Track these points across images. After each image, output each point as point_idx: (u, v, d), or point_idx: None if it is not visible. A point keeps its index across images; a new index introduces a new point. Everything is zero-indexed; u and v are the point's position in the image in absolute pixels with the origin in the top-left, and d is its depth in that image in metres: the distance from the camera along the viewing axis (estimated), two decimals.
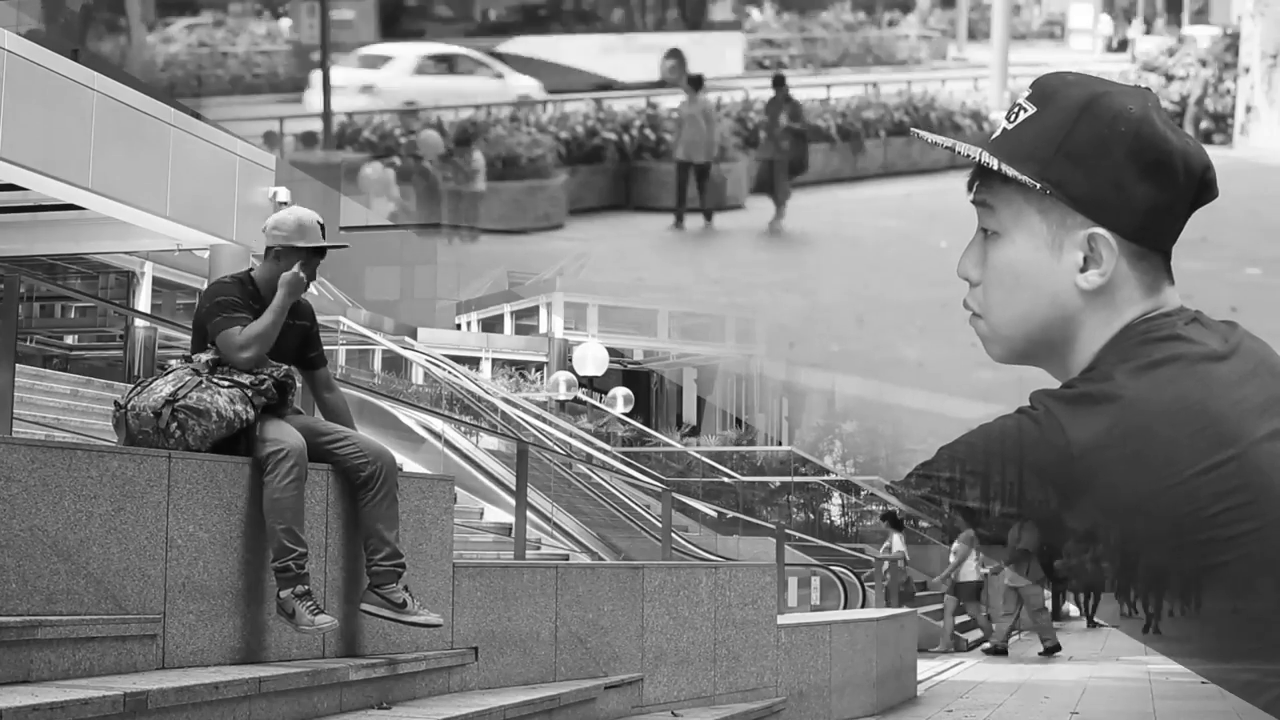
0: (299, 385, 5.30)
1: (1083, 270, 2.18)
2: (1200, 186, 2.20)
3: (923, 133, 2.35)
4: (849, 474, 26.53)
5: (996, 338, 2.29)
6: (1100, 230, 2.16)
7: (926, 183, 19.48)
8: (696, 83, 20.22)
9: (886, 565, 16.58)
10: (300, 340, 5.36)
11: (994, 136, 2.24)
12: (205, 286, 5.59)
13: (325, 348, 5.63)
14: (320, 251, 5.26)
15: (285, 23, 20.43)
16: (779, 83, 20.24)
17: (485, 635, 6.06)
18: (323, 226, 5.29)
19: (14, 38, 13.85)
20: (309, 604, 4.76)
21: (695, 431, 29.72)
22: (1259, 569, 2.12)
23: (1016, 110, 2.22)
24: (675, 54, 21.00)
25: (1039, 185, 2.15)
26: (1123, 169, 2.14)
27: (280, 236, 5.20)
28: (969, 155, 2.21)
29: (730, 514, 19.06)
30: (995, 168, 2.17)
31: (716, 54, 21.48)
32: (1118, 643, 19.24)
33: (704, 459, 22.86)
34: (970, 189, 2.26)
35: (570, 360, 27.09)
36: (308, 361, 5.44)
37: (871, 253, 20.16)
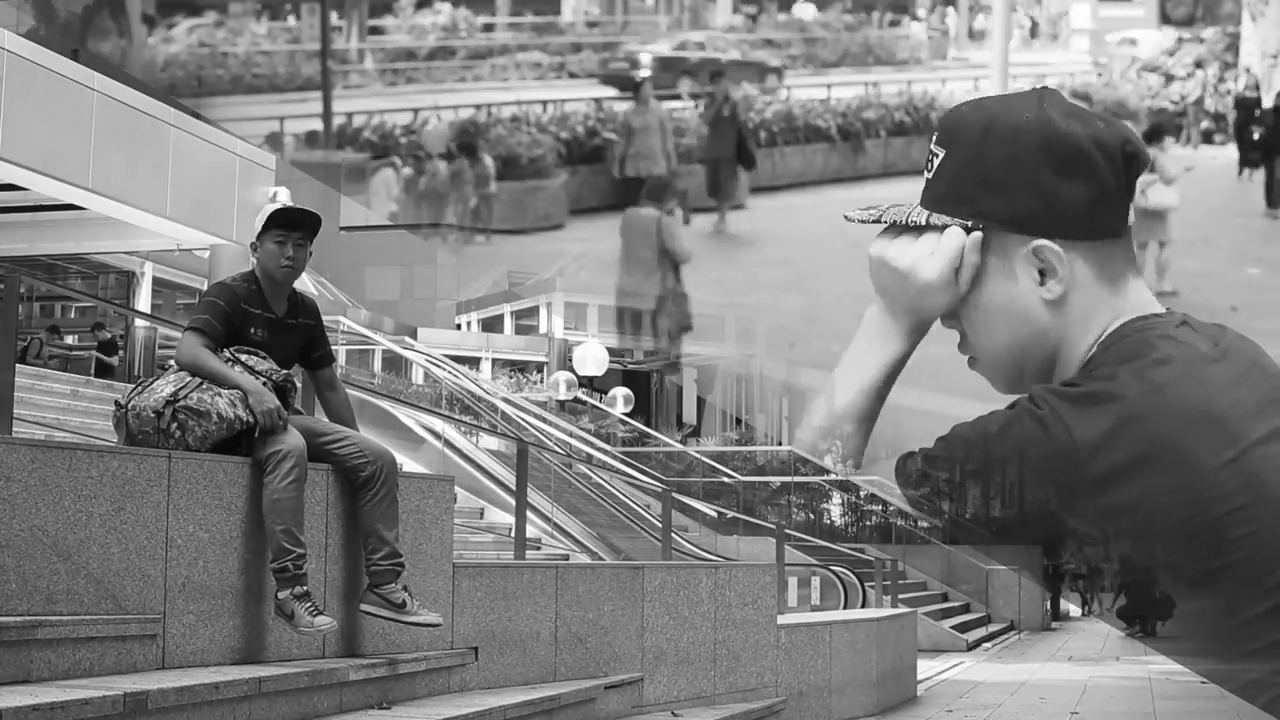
0: (299, 388, 5.28)
1: (1041, 284, 2.18)
2: (1126, 161, 2.19)
3: (852, 215, 2.38)
4: (849, 474, 26.51)
5: (993, 373, 2.31)
6: (1041, 241, 2.16)
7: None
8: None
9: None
10: (304, 339, 5.34)
11: (922, 190, 2.26)
12: (206, 286, 5.54)
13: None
14: (295, 226, 5.16)
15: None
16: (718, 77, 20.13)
17: (485, 635, 6.05)
18: (299, 211, 5.24)
19: (14, 38, 13.85)
20: (308, 605, 4.76)
21: (695, 432, 29.71)
22: (1257, 571, 2.12)
23: (930, 158, 2.23)
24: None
25: (969, 224, 2.16)
26: (1040, 177, 2.14)
27: (255, 230, 5.21)
28: (904, 220, 2.23)
29: (730, 514, 19.05)
30: (924, 222, 2.19)
31: None
32: (1118, 643, 19.25)
33: (704, 459, 22.86)
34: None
35: (570, 360, 27.09)
36: (312, 361, 5.42)
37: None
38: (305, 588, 4.78)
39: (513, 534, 9.40)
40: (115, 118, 14.76)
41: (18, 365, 6.79)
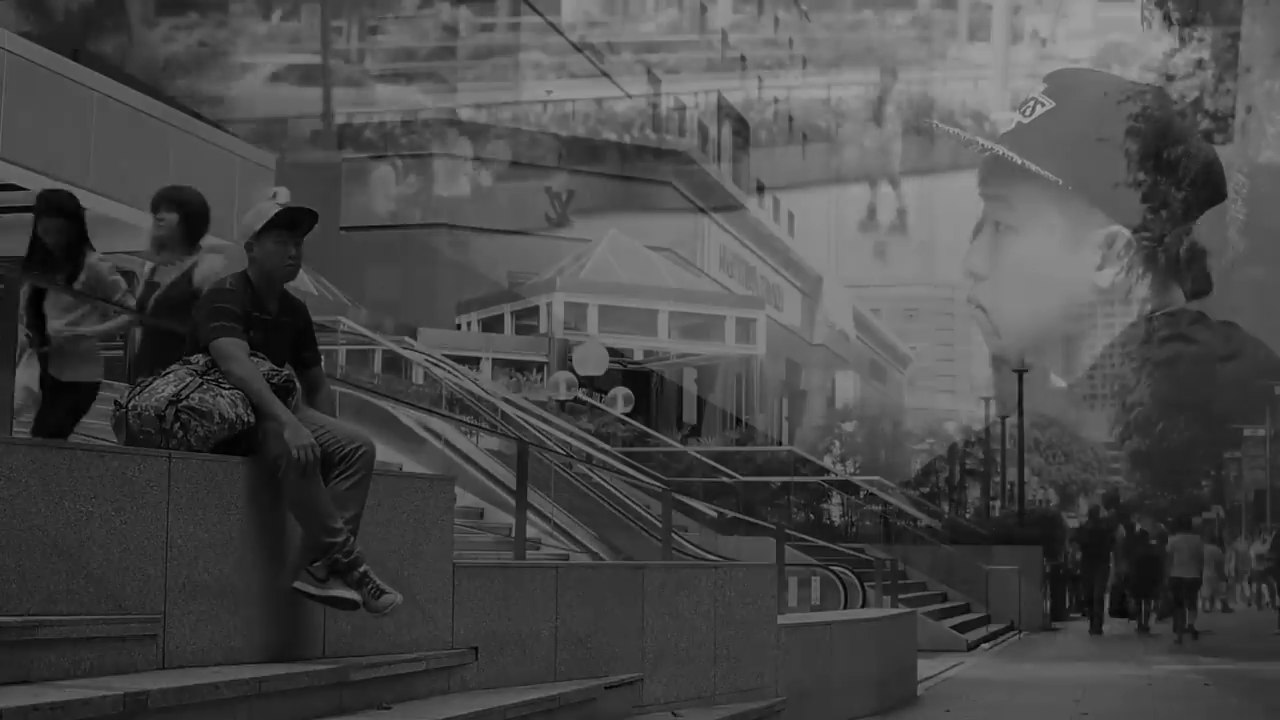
0: (299, 388, 5.26)
1: (1099, 268, 2.16)
2: (1211, 186, 2.20)
3: (942, 124, 2.33)
4: (849, 474, 26.54)
5: (1005, 331, 2.27)
6: (1121, 229, 2.14)
7: (928, 182, 19.50)
8: None
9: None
10: (293, 338, 5.31)
11: (1010, 130, 2.21)
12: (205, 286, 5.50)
13: (325, 347, 5.57)
14: (291, 226, 5.14)
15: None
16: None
17: (485, 635, 6.05)
18: (304, 211, 5.21)
19: (14, 38, 13.85)
20: (370, 586, 4.78)
21: (695, 432, 29.71)
22: None
23: (1034, 105, 2.19)
24: None
25: (1060, 181, 2.13)
26: (1144, 166, 2.13)
27: (248, 232, 5.16)
28: (988, 148, 2.18)
29: (730, 514, 19.04)
30: (1018, 163, 2.15)
31: None
32: (1117, 642, 19.24)
33: (704, 459, 22.84)
34: (985, 182, 2.23)
35: (570, 360, 27.08)
36: (301, 360, 5.35)
37: (871, 251, 20.20)
38: (363, 568, 4.79)
39: (513, 534, 9.40)
40: (115, 118, 14.75)
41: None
